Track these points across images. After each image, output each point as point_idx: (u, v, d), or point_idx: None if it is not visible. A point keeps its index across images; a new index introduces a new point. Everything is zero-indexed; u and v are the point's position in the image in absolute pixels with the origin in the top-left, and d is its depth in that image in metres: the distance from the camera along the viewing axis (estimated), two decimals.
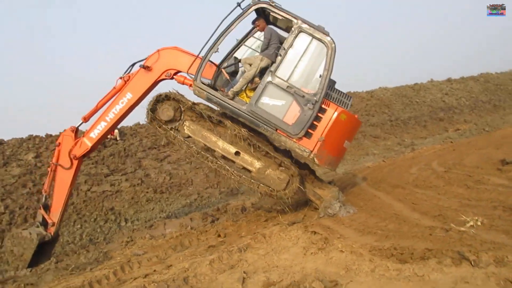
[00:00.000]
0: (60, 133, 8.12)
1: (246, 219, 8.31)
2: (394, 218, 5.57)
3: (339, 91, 7.00)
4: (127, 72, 7.89)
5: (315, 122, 6.57)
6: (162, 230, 9.07)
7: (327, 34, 6.57)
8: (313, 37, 6.55)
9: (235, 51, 7.44)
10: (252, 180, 7.02)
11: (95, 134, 7.89)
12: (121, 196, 12.74)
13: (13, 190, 11.89)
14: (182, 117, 7.14)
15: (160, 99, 7.18)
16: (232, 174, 7.01)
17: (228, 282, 4.74)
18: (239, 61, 7.44)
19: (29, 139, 14.52)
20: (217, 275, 5.07)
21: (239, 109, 6.71)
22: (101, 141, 8.57)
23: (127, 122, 7.85)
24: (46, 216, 7.85)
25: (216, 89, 7.03)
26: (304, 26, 6.56)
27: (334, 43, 6.53)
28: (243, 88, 6.89)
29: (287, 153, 7.48)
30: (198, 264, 5.48)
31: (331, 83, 7.00)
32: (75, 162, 7.91)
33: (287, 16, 6.71)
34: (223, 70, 7.20)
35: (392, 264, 3.70)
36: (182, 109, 7.13)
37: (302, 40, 6.62)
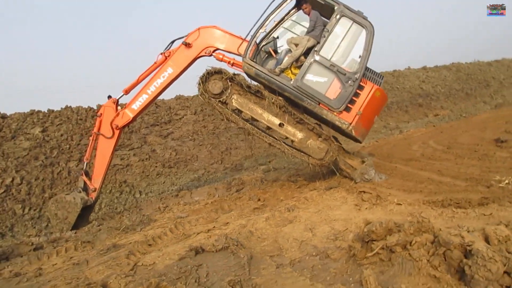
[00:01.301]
0: (101, 104, 8.42)
1: (277, 186, 8.95)
2: (430, 181, 6.39)
3: (373, 70, 7.73)
4: (167, 48, 8.31)
5: (354, 98, 7.29)
6: (189, 198, 9.58)
7: (366, 18, 7.27)
8: (354, 21, 7.24)
9: (274, 31, 7.98)
10: (294, 149, 7.65)
11: (137, 105, 8.30)
12: (131, 170, 13.08)
13: (26, 162, 11.99)
14: (230, 91, 7.63)
15: (210, 73, 7.62)
16: (277, 143, 7.60)
17: (297, 232, 5.40)
18: (277, 38, 8.02)
19: (31, 114, 14.44)
20: (280, 228, 5.72)
21: (285, 84, 7.33)
22: (142, 113, 8.96)
23: (128, 99, 8.28)
24: (88, 182, 8.24)
25: None
26: (346, 11, 7.22)
27: (373, 27, 7.24)
28: (289, 66, 7.47)
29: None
30: (255, 221, 6.11)
31: None
32: (117, 132, 8.33)
33: (330, 1, 7.34)
34: (270, 49, 7.75)
35: (455, 210, 4.47)
36: (229, 83, 7.62)
37: (344, 23, 7.31)
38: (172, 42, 8.28)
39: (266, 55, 8.05)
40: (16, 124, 13.53)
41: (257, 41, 7.79)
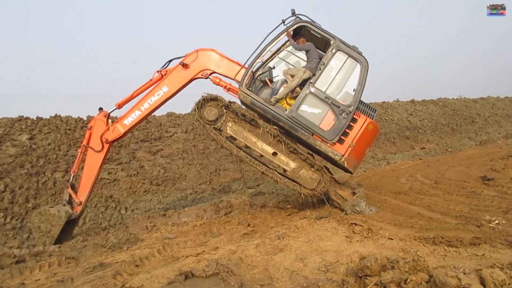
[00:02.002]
0: (92, 117, 8.37)
1: (267, 212, 8.92)
2: (420, 216, 6.46)
3: (366, 104, 7.89)
4: (164, 67, 8.36)
5: (347, 130, 7.41)
6: (177, 219, 9.48)
7: (361, 53, 7.47)
8: (349, 55, 7.43)
9: (270, 61, 8.11)
10: (286, 179, 7.68)
11: (129, 121, 8.28)
12: (118, 185, 12.93)
13: (11, 169, 11.78)
14: (225, 118, 7.69)
15: (206, 100, 7.68)
16: (270, 172, 7.64)
17: (287, 261, 5.36)
18: (273, 69, 8.15)
19: (19, 120, 14.27)
20: (270, 256, 5.68)
21: (280, 114, 7.43)
22: (133, 129, 8.93)
23: (118, 113, 8.34)
24: (73, 195, 8.12)
25: None
26: (342, 45, 7.41)
27: (367, 62, 7.42)
28: (284, 96, 7.58)
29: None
30: (245, 247, 6.05)
31: None
32: (106, 146, 8.26)
33: (326, 35, 7.55)
34: (266, 79, 7.86)
35: (447, 248, 4.52)
36: (225, 110, 7.68)
37: (339, 57, 7.49)
38: (170, 61, 8.35)
39: (262, 84, 8.14)
40: (3, 130, 13.34)
41: (253, 70, 7.89)
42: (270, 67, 8.12)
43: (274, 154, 7.68)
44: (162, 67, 8.36)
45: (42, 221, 7.75)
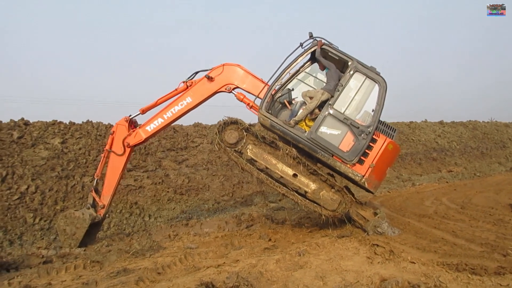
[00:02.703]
0: (115, 123, 8.69)
1: (288, 227, 8.96)
2: (444, 241, 6.37)
3: (385, 123, 7.89)
4: (190, 78, 8.60)
5: (367, 151, 7.43)
6: (198, 229, 9.61)
7: (378, 74, 7.52)
8: (367, 76, 7.51)
9: (289, 83, 8.22)
10: (307, 200, 7.73)
11: (151, 128, 8.56)
12: (143, 192, 13.20)
13: (42, 171, 12.22)
14: (245, 141, 7.84)
15: (226, 123, 7.88)
16: (291, 194, 7.74)
17: (307, 278, 5.38)
18: (292, 90, 8.25)
19: (53, 124, 14.81)
20: (290, 272, 5.71)
21: (300, 136, 7.52)
22: (154, 136, 9.20)
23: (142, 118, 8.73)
24: (97, 199, 8.40)
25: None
26: (359, 66, 7.47)
27: (386, 83, 7.45)
28: (304, 118, 7.66)
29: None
30: (265, 262, 6.11)
31: None
32: (128, 150, 8.56)
33: (343, 57, 7.65)
34: (285, 101, 7.96)
35: (471, 276, 4.46)
36: (245, 133, 7.83)
37: (357, 78, 7.58)
38: (196, 73, 8.60)
39: (281, 105, 8.23)
40: (37, 133, 13.88)
41: (272, 93, 7.99)
42: (289, 89, 8.20)
43: (295, 175, 7.75)
44: (188, 78, 8.61)
45: (67, 224, 8.02)
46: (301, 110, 7.83)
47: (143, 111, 8.72)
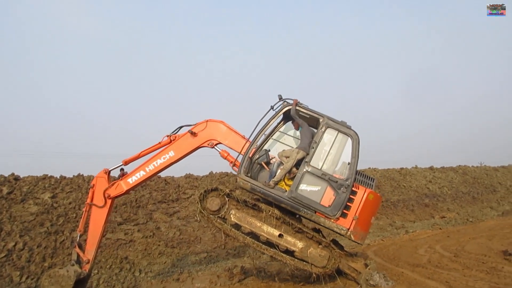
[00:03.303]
0: (94, 176, 8.73)
1: (280, 281, 8.79)
2: None
3: (363, 173, 8.04)
4: (174, 132, 8.77)
5: (348, 203, 7.52)
6: (190, 284, 9.41)
7: (350, 127, 7.78)
8: (339, 131, 7.74)
9: (265, 144, 8.41)
10: (296, 259, 7.71)
11: (132, 180, 8.62)
12: (134, 246, 12.97)
13: (31, 227, 12.04)
14: (227, 206, 7.91)
15: (207, 191, 8.00)
16: (279, 255, 7.75)
17: None
18: (269, 151, 8.42)
19: (44, 179, 14.76)
20: None
21: (281, 196, 7.60)
22: (135, 188, 9.20)
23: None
24: (81, 254, 8.29)
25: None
26: (330, 122, 7.73)
27: (357, 135, 7.69)
28: (282, 178, 7.79)
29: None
30: None
31: None
32: (109, 201, 8.53)
33: (314, 115, 7.93)
34: (263, 163, 8.12)
35: None
36: (226, 198, 7.92)
37: (330, 133, 7.80)
38: (180, 127, 8.77)
39: (259, 166, 8.34)
40: (27, 187, 13.79)
41: (250, 156, 8.12)
42: (265, 150, 8.34)
43: (280, 236, 7.75)
44: (172, 132, 8.77)
45: (52, 283, 7.80)
46: (279, 170, 7.90)
47: (126, 163, 8.78)
